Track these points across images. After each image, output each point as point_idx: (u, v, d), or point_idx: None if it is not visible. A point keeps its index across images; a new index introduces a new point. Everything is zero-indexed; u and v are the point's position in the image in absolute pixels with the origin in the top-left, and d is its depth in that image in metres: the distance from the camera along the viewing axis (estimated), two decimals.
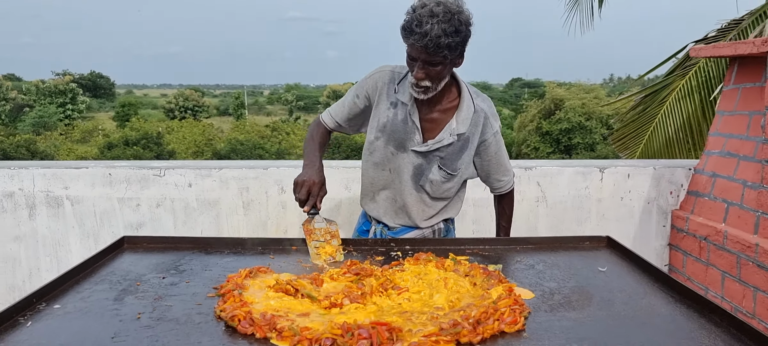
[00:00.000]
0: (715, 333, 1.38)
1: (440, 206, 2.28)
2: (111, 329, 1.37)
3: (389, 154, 2.19)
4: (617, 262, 1.94)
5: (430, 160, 2.17)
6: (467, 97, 2.17)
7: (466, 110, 2.16)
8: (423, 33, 1.90)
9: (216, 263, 1.87)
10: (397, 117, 2.16)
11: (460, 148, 2.18)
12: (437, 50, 1.93)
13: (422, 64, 1.98)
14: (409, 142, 2.16)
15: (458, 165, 2.19)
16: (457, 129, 2.14)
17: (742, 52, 2.69)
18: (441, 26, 1.90)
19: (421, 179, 2.19)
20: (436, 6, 1.92)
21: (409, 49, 1.98)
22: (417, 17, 1.91)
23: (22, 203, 3.18)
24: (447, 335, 1.32)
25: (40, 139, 38.01)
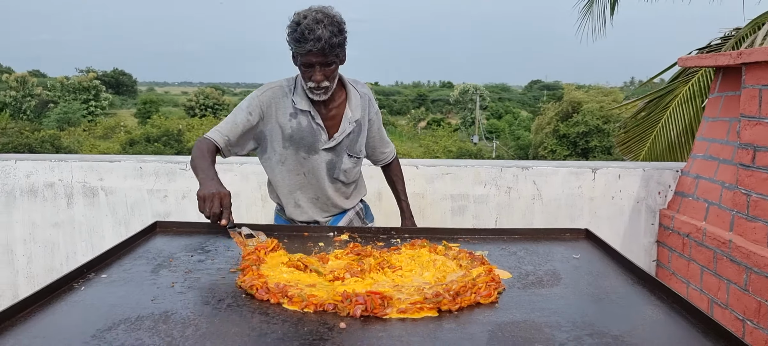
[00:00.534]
0: (659, 308, 1.62)
1: (353, 187, 2.58)
2: (150, 294, 1.65)
3: (301, 159, 2.41)
4: (592, 251, 2.17)
5: (339, 153, 2.44)
6: (351, 87, 2.45)
7: (355, 98, 2.45)
8: (316, 38, 2.15)
9: (237, 246, 2.14)
10: (302, 125, 2.37)
11: (359, 132, 2.48)
12: (331, 51, 2.19)
13: (319, 68, 2.23)
14: (317, 143, 2.40)
15: (359, 147, 2.50)
16: (353, 116, 2.44)
17: (722, 63, 2.91)
18: (328, 29, 2.16)
19: (335, 172, 2.46)
20: (318, 13, 2.18)
21: (305, 58, 2.21)
22: (306, 27, 2.15)
23: (61, 192, 3.49)
24: (430, 303, 1.57)
25: (64, 134, 38.83)
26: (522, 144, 45.60)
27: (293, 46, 2.22)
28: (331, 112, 2.42)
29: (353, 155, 2.49)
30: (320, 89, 2.28)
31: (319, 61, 2.21)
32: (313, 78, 2.25)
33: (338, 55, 2.26)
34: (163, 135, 33.53)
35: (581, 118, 32.91)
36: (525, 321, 1.51)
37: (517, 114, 66.76)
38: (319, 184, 2.46)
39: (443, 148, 38.27)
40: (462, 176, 3.45)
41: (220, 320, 1.48)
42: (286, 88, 2.40)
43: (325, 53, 2.19)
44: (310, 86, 2.28)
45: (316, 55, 2.19)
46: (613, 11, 7.55)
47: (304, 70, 2.26)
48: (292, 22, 2.21)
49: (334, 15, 2.22)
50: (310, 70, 2.24)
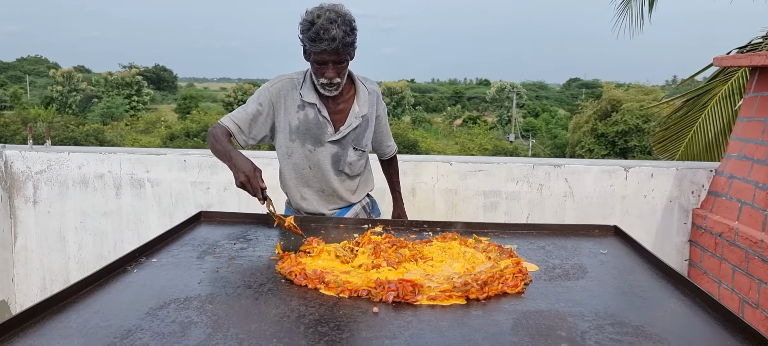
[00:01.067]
0: (682, 302, 1.67)
1: (359, 181, 2.65)
2: (197, 277, 1.77)
3: (307, 152, 2.50)
4: (619, 247, 2.22)
5: (344, 146, 2.51)
6: (360, 84, 2.53)
7: (363, 94, 2.52)
8: (331, 38, 2.23)
9: (275, 235, 2.26)
10: (308, 117, 2.46)
11: (365, 127, 2.55)
12: (344, 49, 2.29)
13: (332, 66, 2.31)
14: (323, 135, 2.47)
15: (365, 141, 2.57)
16: (360, 112, 2.51)
17: (757, 63, 2.91)
18: (342, 29, 2.25)
19: (340, 165, 2.54)
20: (331, 13, 2.25)
21: (318, 56, 2.29)
22: (321, 27, 2.22)
23: (110, 183, 3.67)
24: (458, 292, 1.66)
25: (107, 128, 39.94)
26: (559, 143, 45.06)
27: (307, 45, 2.29)
28: (339, 106, 2.49)
29: (359, 149, 2.56)
30: (332, 86, 2.37)
31: (333, 59, 2.30)
32: (326, 75, 2.33)
33: (350, 53, 2.35)
34: (202, 130, 34.15)
35: (620, 117, 32.35)
36: (549, 310, 1.58)
37: (555, 112, 65.97)
38: (324, 177, 2.54)
39: (479, 146, 38.09)
40: (494, 173, 3.51)
41: (261, 302, 1.59)
42: (295, 81, 2.49)
43: (338, 52, 2.28)
44: (322, 83, 2.36)
45: (330, 53, 2.27)
46: (651, 8, 7.45)
47: (316, 67, 2.34)
48: (305, 20, 2.29)
49: (345, 13, 2.30)
50: (323, 67, 2.32)
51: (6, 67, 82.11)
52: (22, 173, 3.70)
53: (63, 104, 57.34)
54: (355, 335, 1.41)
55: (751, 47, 5.50)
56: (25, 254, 3.77)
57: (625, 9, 7.54)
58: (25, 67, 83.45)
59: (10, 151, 3.71)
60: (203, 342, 1.33)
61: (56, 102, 56.89)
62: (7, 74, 76.50)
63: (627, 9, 7.53)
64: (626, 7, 7.53)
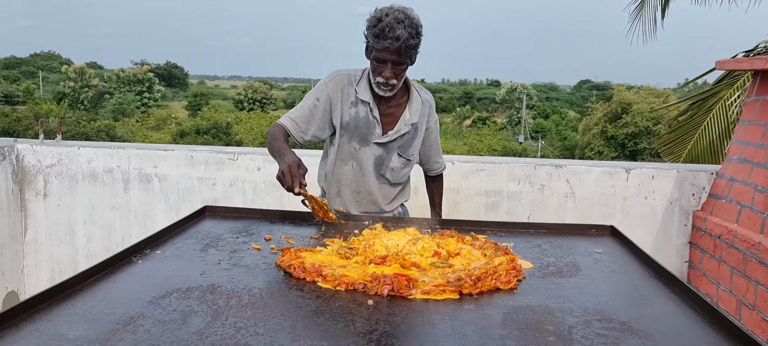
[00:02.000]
0: (671, 300, 1.70)
1: (398, 190, 2.64)
2: (199, 269, 1.83)
3: (353, 149, 2.51)
4: (615, 247, 2.25)
5: (389, 150, 2.52)
6: (415, 92, 2.52)
7: (416, 103, 2.52)
8: (395, 37, 2.25)
9: (278, 230, 2.32)
10: (359, 114, 2.47)
11: (413, 136, 2.54)
12: (406, 51, 2.30)
13: (391, 66, 2.33)
14: (371, 135, 2.49)
15: (412, 151, 2.56)
16: (411, 119, 2.50)
17: (758, 67, 2.94)
18: (407, 30, 2.27)
19: (382, 168, 2.54)
20: (399, 13, 2.28)
21: (379, 53, 2.31)
22: (387, 24, 2.25)
23: (119, 177, 3.75)
24: (452, 287, 1.70)
25: (118, 125, 40.25)
26: (568, 145, 44.94)
27: (371, 40, 2.32)
28: (391, 109, 2.50)
29: (404, 156, 2.54)
30: (388, 86, 2.38)
31: (393, 59, 2.31)
32: (384, 74, 2.34)
33: (411, 57, 2.36)
34: (212, 127, 34.41)
35: (630, 119, 32.27)
36: (539, 306, 1.62)
37: (565, 114, 65.78)
38: (364, 178, 2.54)
39: (488, 146, 38.08)
40: (496, 173, 3.55)
41: (260, 293, 1.64)
42: (352, 77, 2.50)
43: (400, 53, 2.29)
44: (378, 81, 2.38)
45: (391, 52, 2.29)
46: (664, 13, 7.39)
47: (376, 64, 2.36)
48: (373, 16, 2.32)
49: (414, 17, 2.32)
50: (383, 66, 2.34)
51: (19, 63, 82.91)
52: (33, 166, 3.78)
53: (75, 100, 57.80)
54: (349, 325, 1.46)
55: (757, 51, 5.50)
56: (34, 246, 3.85)
57: (639, 14, 7.49)
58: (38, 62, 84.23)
59: (22, 145, 3.79)
60: (202, 329, 1.39)
61: (68, 98, 57.37)
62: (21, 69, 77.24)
63: (640, 14, 7.49)
64: (640, 13, 7.49)
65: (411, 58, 2.37)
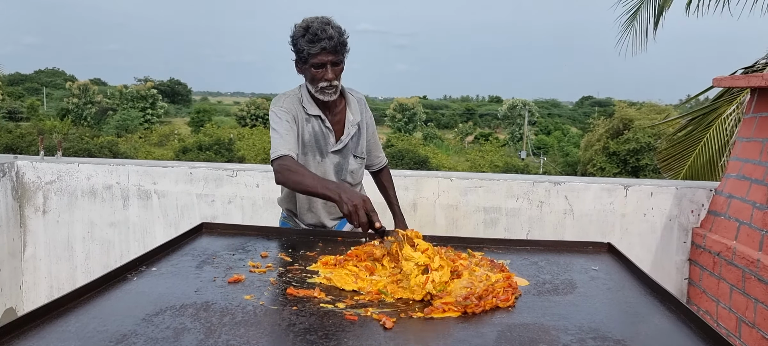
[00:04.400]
0: (667, 318, 1.69)
1: (359, 189, 2.71)
2: (194, 286, 1.83)
3: (315, 163, 2.57)
4: (612, 264, 2.25)
5: (345, 155, 2.61)
6: (347, 92, 2.63)
7: (353, 102, 2.63)
8: (328, 37, 2.36)
9: (274, 247, 2.32)
10: (314, 129, 2.55)
11: (359, 134, 2.65)
12: (342, 48, 2.42)
13: (331, 66, 2.42)
14: (327, 145, 2.57)
15: (362, 148, 2.66)
16: (355, 119, 2.62)
17: (754, 84, 2.94)
18: (336, 29, 2.40)
19: (342, 174, 2.62)
20: (322, 18, 2.41)
21: (317, 58, 2.39)
22: (317, 28, 2.36)
23: (118, 194, 3.75)
24: (459, 306, 1.69)
25: (121, 141, 40.39)
26: (570, 161, 44.94)
27: (306, 47, 2.38)
28: (336, 116, 2.59)
29: (358, 156, 2.66)
30: (332, 87, 2.45)
31: (331, 60, 2.40)
32: (325, 77, 2.42)
33: (344, 54, 2.46)
34: (214, 143, 34.48)
35: (632, 136, 32.26)
36: (534, 324, 1.61)
37: (567, 130, 65.87)
38: None
39: (490, 163, 38.08)
40: (495, 190, 3.55)
41: (254, 311, 1.64)
42: (296, 98, 2.56)
43: (336, 51, 2.40)
44: (322, 86, 2.44)
45: (328, 53, 2.38)
46: (656, 26, 7.39)
47: (315, 71, 2.43)
48: (299, 28, 2.42)
49: (335, 21, 2.44)
50: (322, 69, 2.42)
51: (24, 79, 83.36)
52: (33, 183, 3.79)
53: (78, 116, 58.04)
54: (341, 343, 1.45)
55: (756, 68, 5.52)
56: (33, 262, 3.86)
57: (630, 26, 7.50)
58: (42, 79, 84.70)
59: (22, 161, 3.80)
60: None
61: (72, 114, 57.62)
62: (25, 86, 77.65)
63: (631, 27, 7.50)
64: (631, 25, 7.50)
65: (344, 56, 2.47)
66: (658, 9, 6.67)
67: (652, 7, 6.82)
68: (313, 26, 2.37)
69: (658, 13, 6.63)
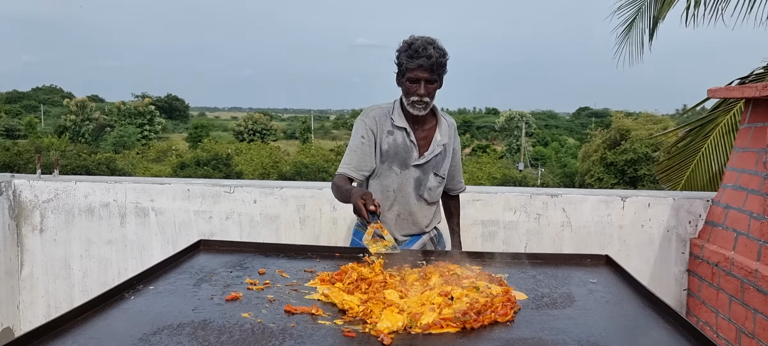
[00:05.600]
0: (666, 331, 1.69)
1: (434, 210, 2.78)
2: (192, 304, 1.82)
3: (394, 175, 2.66)
4: (610, 277, 2.25)
5: (426, 171, 2.67)
6: (441, 115, 2.71)
7: (445, 125, 2.71)
8: (427, 56, 2.48)
9: (272, 263, 2.31)
10: (397, 141, 2.63)
11: (445, 156, 2.72)
12: (438, 69, 2.53)
13: (424, 83, 2.53)
14: (409, 159, 2.64)
15: (444, 170, 2.72)
16: (442, 140, 2.70)
17: (748, 95, 2.96)
18: (438, 50, 2.52)
19: (420, 189, 2.68)
20: (428, 38, 2.54)
21: (413, 73, 2.51)
22: (419, 46, 2.49)
23: (115, 212, 3.75)
24: (457, 322, 1.69)
25: (119, 157, 40.33)
26: (568, 172, 44.96)
27: (405, 62, 2.52)
28: (424, 133, 2.68)
29: (439, 175, 2.72)
30: (422, 103, 2.56)
31: (426, 77, 2.52)
32: (418, 92, 2.54)
33: (440, 76, 2.58)
34: (212, 159, 34.44)
35: (629, 146, 32.28)
36: (532, 338, 1.61)
37: (564, 141, 65.98)
38: (405, 199, 2.68)
39: (488, 174, 38.05)
40: (492, 203, 3.55)
41: (252, 328, 1.63)
42: (386, 109, 2.69)
43: (432, 70, 2.51)
44: (413, 100, 2.56)
45: (424, 70, 2.50)
46: (651, 37, 7.36)
47: (409, 85, 2.55)
48: (404, 43, 2.55)
49: (440, 43, 2.56)
50: (416, 85, 2.53)
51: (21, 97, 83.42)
52: (30, 201, 3.78)
53: (76, 133, 58.03)
54: None
55: (752, 78, 5.54)
56: (30, 281, 3.84)
57: (626, 37, 7.50)
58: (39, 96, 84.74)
59: (19, 180, 3.80)
60: None
61: (69, 131, 57.59)
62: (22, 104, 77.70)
63: (627, 38, 7.49)
64: (626, 36, 7.51)
65: (441, 77, 2.59)
66: (653, 20, 6.70)
67: (647, 19, 6.85)
68: (416, 44, 2.50)
69: (653, 24, 6.66)
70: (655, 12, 6.60)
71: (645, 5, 6.77)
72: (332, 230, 3.64)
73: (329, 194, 3.62)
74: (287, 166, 35.35)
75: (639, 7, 6.83)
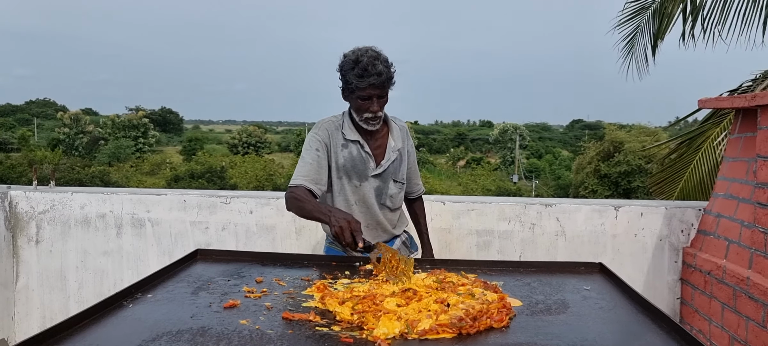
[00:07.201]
0: (658, 335, 1.72)
1: (399, 215, 2.81)
2: (190, 312, 1.84)
3: (353, 188, 2.65)
4: (604, 284, 2.27)
5: (385, 179, 2.68)
6: (391, 120, 2.72)
7: (396, 129, 2.72)
8: (377, 73, 2.46)
9: (269, 272, 2.33)
10: (352, 154, 2.63)
11: (400, 160, 2.73)
12: (388, 83, 2.52)
13: (377, 99, 2.52)
14: (367, 170, 2.64)
15: (402, 174, 2.74)
16: (396, 145, 2.71)
17: (738, 105, 3.00)
18: (384, 65, 2.49)
19: (382, 197, 2.70)
20: (372, 52, 2.50)
21: (364, 91, 2.49)
22: (367, 63, 2.45)
23: (111, 223, 3.75)
24: (453, 328, 1.71)
25: (113, 170, 40.22)
26: (562, 184, 45.11)
27: (354, 81, 2.48)
28: (378, 142, 2.68)
29: (398, 181, 2.74)
30: (376, 119, 2.57)
31: (377, 94, 2.51)
32: (371, 109, 2.53)
33: (390, 88, 2.57)
34: (206, 172, 34.42)
35: (623, 158, 32.47)
36: (528, 343, 1.63)
37: (558, 153, 66.23)
38: (369, 210, 2.69)
39: (482, 187, 38.14)
40: (487, 212, 3.58)
41: (250, 335, 1.65)
42: (336, 123, 2.67)
43: (383, 86, 2.50)
44: (366, 117, 2.56)
45: (375, 87, 2.49)
46: (654, 51, 7.41)
47: (361, 103, 2.53)
48: (348, 59, 2.50)
49: (383, 53, 2.53)
50: (368, 102, 2.52)
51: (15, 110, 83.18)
52: (26, 213, 3.79)
53: (70, 146, 57.84)
54: None
55: (741, 90, 5.61)
56: (26, 293, 3.84)
57: (630, 52, 7.55)
58: (33, 109, 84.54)
59: (15, 191, 3.80)
60: None
61: (63, 144, 57.43)
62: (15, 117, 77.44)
63: (631, 53, 7.55)
64: (630, 51, 7.56)
65: (389, 89, 2.57)
66: (654, 38, 6.78)
67: (647, 35, 6.94)
68: (364, 61, 2.45)
69: (654, 41, 6.74)
70: (654, 29, 6.68)
71: (644, 22, 6.86)
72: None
73: None
74: (282, 179, 35.32)
75: (638, 24, 6.91)
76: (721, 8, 5.85)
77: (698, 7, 6.01)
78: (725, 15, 5.88)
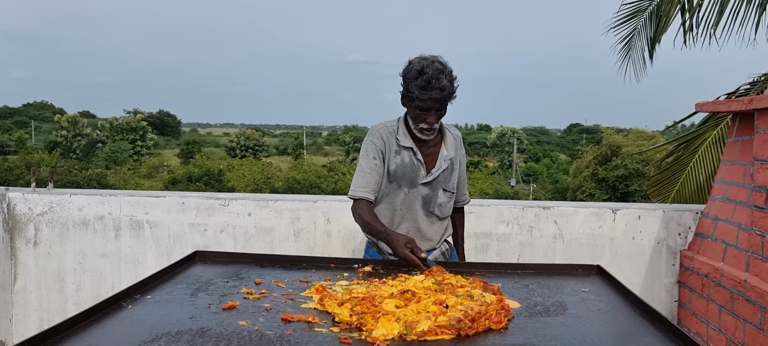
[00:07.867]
0: (656, 336, 1.73)
1: (445, 225, 2.76)
2: (189, 313, 1.84)
3: (402, 194, 2.64)
4: (601, 286, 2.28)
5: (435, 187, 2.65)
6: (446, 128, 2.69)
7: (450, 139, 2.69)
8: (441, 88, 2.43)
9: (268, 273, 2.33)
10: (405, 161, 2.61)
11: (452, 169, 2.70)
12: (449, 98, 2.49)
13: (435, 112, 2.49)
14: (417, 177, 2.62)
15: (453, 184, 2.70)
16: (448, 155, 2.68)
17: (735, 109, 3.02)
18: (448, 79, 2.46)
19: (430, 206, 2.66)
20: (438, 64, 2.46)
21: (424, 102, 2.46)
22: (432, 76, 2.42)
23: (110, 225, 3.75)
24: (452, 329, 1.71)
25: (111, 172, 40.19)
26: (560, 187, 45.17)
27: (417, 92, 2.45)
28: (430, 149, 2.66)
29: (448, 190, 2.70)
30: (431, 130, 2.55)
31: (436, 107, 2.49)
32: (428, 120, 2.51)
33: (451, 102, 2.54)
34: (204, 174, 34.41)
35: (620, 162, 32.55)
36: (526, 344, 1.64)
37: (556, 157, 66.34)
38: (413, 217, 2.67)
39: (480, 190, 38.15)
40: (485, 215, 3.58)
41: (249, 336, 1.65)
42: (391, 129, 2.66)
43: (444, 100, 2.48)
44: (422, 127, 2.54)
45: (436, 101, 2.46)
46: (652, 55, 7.39)
47: (418, 113, 2.51)
48: (413, 69, 2.48)
49: (449, 66, 2.51)
50: (426, 113, 2.50)
51: (12, 113, 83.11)
52: (24, 214, 3.78)
53: (67, 149, 57.79)
54: None
55: (739, 93, 5.63)
56: (24, 294, 3.83)
57: (627, 55, 7.54)
58: (30, 112, 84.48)
59: (13, 193, 3.80)
60: None
61: (60, 147, 57.37)
62: (13, 119, 77.36)
63: (628, 55, 7.53)
64: (627, 54, 7.55)
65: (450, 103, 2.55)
66: (651, 40, 6.79)
67: (644, 38, 6.94)
68: (428, 73, 2.42)
69: (651, 43, 6.75)
70: (651, 31, 6.69)
71: (641, 24, 6.87)
72: (326, 242, 3.66)
73: (324, 206, 3.66)
74: (279, 182, 35.33)
75: (634, 26, 6.92)
76: (718, 9, 5.86)
77: (695, 7, 6.02)
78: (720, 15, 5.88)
